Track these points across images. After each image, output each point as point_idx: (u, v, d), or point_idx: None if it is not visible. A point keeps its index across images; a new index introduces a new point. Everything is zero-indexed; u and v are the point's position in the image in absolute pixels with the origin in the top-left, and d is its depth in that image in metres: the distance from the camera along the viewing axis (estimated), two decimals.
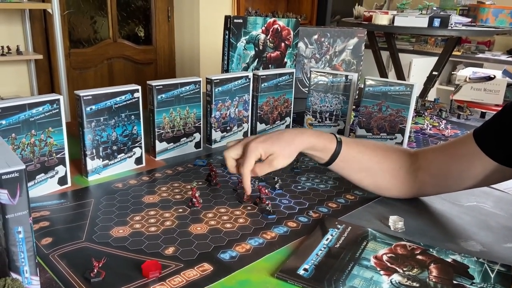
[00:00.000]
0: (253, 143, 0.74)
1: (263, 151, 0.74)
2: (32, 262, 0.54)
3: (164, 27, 3.63)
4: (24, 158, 0.79)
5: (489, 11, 3.36)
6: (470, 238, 0.74)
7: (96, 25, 3.31)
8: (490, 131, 0.74)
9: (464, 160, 0.76)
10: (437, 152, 0.82)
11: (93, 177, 0.90)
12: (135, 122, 0.94)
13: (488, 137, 0.74)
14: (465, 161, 0.76)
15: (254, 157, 0.74)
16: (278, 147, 0.74)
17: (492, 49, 4.01)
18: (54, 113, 0.81)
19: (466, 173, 0.76)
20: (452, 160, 0.77)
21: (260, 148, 0.73)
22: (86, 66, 3.28)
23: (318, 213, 0.80)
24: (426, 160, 0.81)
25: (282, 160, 0.75)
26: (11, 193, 0.50)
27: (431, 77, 2.99)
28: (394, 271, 0.62)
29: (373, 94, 1.13)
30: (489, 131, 0.74)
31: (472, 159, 0.74)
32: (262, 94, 1.17)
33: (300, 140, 0.76)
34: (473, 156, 0.74)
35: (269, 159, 0.74)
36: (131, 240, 0.69)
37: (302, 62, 1.65)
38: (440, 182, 0.81)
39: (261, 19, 1.42)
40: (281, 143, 0.75)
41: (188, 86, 1.02)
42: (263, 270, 0.63)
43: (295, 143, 0.76)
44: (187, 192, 0.85)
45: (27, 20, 2.78)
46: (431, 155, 0.81)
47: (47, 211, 0.76)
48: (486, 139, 0.73)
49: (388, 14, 2.89)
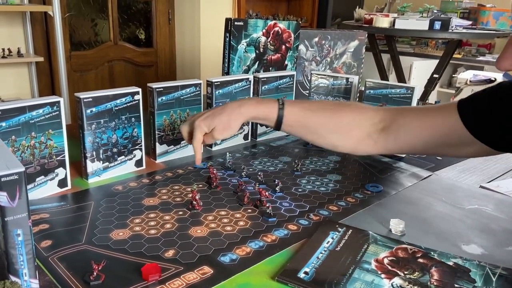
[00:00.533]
0: (197, 121, 0.83)
1: (206, 126, 0.82)
2: (31, 265, 0.54)
3: (165, 30, 3.63)
4: (24, 161, 0.79)
5: (489, 14, 3.36)
6: (471, 241, 0.73)
7: (97, 28, 3.32)
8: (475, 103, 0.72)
9: (439, 130, 0.74)
10: (413, 117, 0.78)
11: (93, 180, 0.90)
12: (135, 125, 0.94)
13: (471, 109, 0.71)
14: (439, 131, 0.74)
15: (200, 132, 0.82)
16: (218, 120, 0.82)
17: (492, 52, 4.01)
18: (54, 115, 0.81)
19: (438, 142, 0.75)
20: (426, 130, 0.75)
21: (203, 124, 0.82)
22: (87, 69, 3.28)
23: (318, 216, 0.80)
24: (397, 123, 0.78)
25: (221, 133, 0.82)
26: (10, 195, 0.50)
27: (432, 80, 2.99)
28: (395, 275, 0.62)
29: (374, 97, 1.12)
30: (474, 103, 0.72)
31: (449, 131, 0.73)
32: (263, 97, 1.17)
33: (239, 112, 0.82)
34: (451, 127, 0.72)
35: (211, 132, 0.83)
36: (131, 243, 0.68)
37: (302, 65, 1.65)
38: (406, 146, 0.80)
39: (262, 22, 1.42)
40: (221, 117, 0.82)
41: (189, 88, 1.02)
42: (264, 273, 0.62)
43: (233, 115, 0.82)
44: (187, 194, 0.85)
45: (28, 22, 2.78)
46: (405, 120, 0.78)
47: (46, 213, 0.76)
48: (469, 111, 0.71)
49: (388, 17, 2.89)
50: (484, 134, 0.70)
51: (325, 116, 0.82)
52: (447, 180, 0.99)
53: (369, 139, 0.80)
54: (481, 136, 0.70)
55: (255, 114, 0.82)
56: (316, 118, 0.82)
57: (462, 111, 0.72)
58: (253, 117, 0.83)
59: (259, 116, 0.82)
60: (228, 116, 0.82)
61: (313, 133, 0.83)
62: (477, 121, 0.70)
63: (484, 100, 0.71)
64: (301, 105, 0.84)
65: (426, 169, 1.03)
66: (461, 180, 1.00)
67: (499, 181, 1.00)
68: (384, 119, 0.80)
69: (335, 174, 0.99)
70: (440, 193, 0.91)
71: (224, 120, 0.82)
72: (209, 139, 0.84)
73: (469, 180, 1.00)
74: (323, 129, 0.82)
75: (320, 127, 0.82)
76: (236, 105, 0.83)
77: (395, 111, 0.81)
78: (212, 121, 0.82)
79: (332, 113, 0.82)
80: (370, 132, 0.80)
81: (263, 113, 0.82)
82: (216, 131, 0.82)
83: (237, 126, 0.83)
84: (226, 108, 0.83)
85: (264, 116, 0.82)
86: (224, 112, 0.82)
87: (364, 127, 0.80)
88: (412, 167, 1.04)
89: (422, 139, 0.76)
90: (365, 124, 0.80)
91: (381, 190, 0.91)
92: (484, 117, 0.69)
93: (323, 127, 0.82)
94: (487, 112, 0.69)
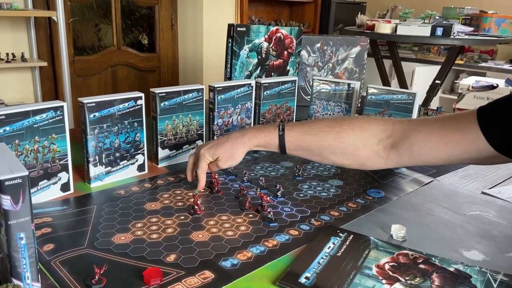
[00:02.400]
0: (202, 150, 0.86)
1: (210, 156, 0.85)
2: (33, 269, 0.54)
3: (167, 35, 3.65)
4: (28, 165, 0.79)
5: (491, 20, 3.37)
6: (472, 247, 0.73)
7: (100, 33, 3.34)
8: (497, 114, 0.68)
9: (459, 146, 0.71)
10: (429, 133, 0.74)
11: (96, 184, 0.91)
12: (138, 129, 0.95)
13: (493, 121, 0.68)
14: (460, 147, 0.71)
15: (204, 161, 0.86)
16: (222, 150, 0.85)
17: (495, 58, 4.02)
18: (57, 119, 0.82)
19: (455, 157, 0.73)
20: (445, 146, 0.72)
21: (207, 154, 0.85)
22: (90, 73, 3.30)
23: (320, 221, 0.80)
24: (409, 141, 0.75)
25: (225, 162, 0.86)
26: (14, 199, 0.51)
27: (434, 86, 2.99)
28: (396, 280, 0.62)
29: (376, 102, 1.13)
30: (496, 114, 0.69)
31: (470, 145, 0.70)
32: (265, 102, 1.18)
33: (241, 141, 0.84)
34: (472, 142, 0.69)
35: (216, 161, 0.86)
36: (132, 247, 0.69)
37: (304, 70, 1.65)
38: (422, 161, 0.78)
39: (264, 28, 1.42)
40: (224, 147, 0.85)
41: (191, 93, 1.03)
42: (265, 278, 0.62)
43: (236, 145, 0.84)
44: (189, 199, 0.86)
45: (32, 27, 2.80)
46: (419, 137, 0.75)
47: (49, 217, 0.77)
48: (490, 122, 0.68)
49: (390, 23, 2.90)
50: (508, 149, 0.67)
51: (326, 139, 0.80)
52: (449, 186, 0.99)
53: (378, 156, 0.79)
54: (505, 151, 0.68)
55: (256, 143, 0.84)
56: (318, 142, 0.81)
57: (482, 123, 0.68)
58: (256, 145, 0.85)
59: (261, 143, 0.84)
60: (231, 146, 0.84)
61: (318, 155, 0.83)
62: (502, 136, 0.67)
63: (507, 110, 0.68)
64: (302, 128, 0.83)
65: (427, 175, 1.03)
66: (463, 186, 1.00)
67: (500, 187, 1.00)
68: (393, 135, 0.77)
69: (337, 180, 0.99)
70: (441, 199, 0.91)
71: (227, 149, 0.84)
72: (214, 167, 0.87)
73: (471, 186, 1.00)
74: (327, 152, 0.81)
75: (324, 150, 0.81)
76: (239, 135, 0.85)
77: (407, 126, 0.77)
78: (216, 151, 0.85)
79: (334, 134, 0.80)
80: (378, 150, 0.79)
81: (264, 140, 0.83)
82: (220, 161, 0.85)
83: (241, 155, 0.85)
84: (230, 138, 0.85)
85: (266, 143, 0.83)
86: (228, 142, 0.85)
87: (370, 145, 0.79)
88: (413, 172, 1.04)
89: (440, 156, 0.74)
90: (371, 142, 0.79)
91: (382, 195, 0.92)
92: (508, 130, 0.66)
93: (327, 149, 0.81)
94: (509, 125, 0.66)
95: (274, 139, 0.83)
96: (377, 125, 0.80)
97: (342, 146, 0.80)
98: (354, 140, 0.79)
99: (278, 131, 0.82)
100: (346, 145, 0.80)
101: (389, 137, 0.78)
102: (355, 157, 0.80)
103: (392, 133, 0.78)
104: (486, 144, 0.68)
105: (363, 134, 0.79)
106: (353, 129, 0.80)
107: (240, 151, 0.84)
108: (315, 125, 0.83)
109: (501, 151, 0.68)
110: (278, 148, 0.83)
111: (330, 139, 0.80)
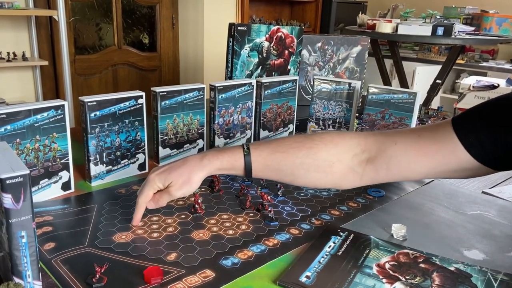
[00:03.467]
0: (151, 175, 0.74)
1: (160, 182, 0.73)
2: (34, 267, 0.54)
3: (168, 34, 3.65)
4: (28, 163, 0.80)
5: (492, 20, 3.36)
6: (473, 246, 0.73)
7: (101, 32, 3.34)
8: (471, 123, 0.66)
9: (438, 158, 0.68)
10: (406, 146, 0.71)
11: (96, 183, 0.91)
12: (138, 128, 0.95)
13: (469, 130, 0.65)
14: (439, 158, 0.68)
15: (150, 188, 0.73)
16: (176, 175, 0.72)
17: (496, 58, 4.01)
18: (58, 118, 0.82)
19: (434, 169, 0.69)
20: (423, 158, 0.69)
21: (157, 179, 0.73)
22: (91, 73, 3.30)
23: (320, 220, 0.80)
24: (385, 154, 0.71)
25: (180, 188, 0.72)
26: (15, 197, 0.51)
27: (435, 85, 2.99)
28: (397, 279, 0.62)
29: (376, 102, 1.13)
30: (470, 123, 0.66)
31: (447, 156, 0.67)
32: (266, 101, 1.18)
33: (200, 166, 0.73)
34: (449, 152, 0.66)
35: (168, 188, 0.73)
36: (133, 246, 0.69)
37: (305, 70, 1.65)
38: (400, 176, 0.75)
39: (265, 27, 1.42)
40: (180, 171, 0.73)
41: (192, 92, 1.03)
42: (265, 277, 0.62)
43: (195, 170, 0.73)
44: (189, 198, 0.86)
45: (33, 26, 2.80)
46: (396, 150, 0.71)
47: (50, 216, 0.77)
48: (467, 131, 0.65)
49: (391, 23, 2.90)
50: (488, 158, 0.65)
51: (297, 156, 0.73)
52: (449, 186, 0.99)
53: (353, 173, 0.73)
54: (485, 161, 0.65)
55: (218, 165, 0.74)
56: (289, 160, 0.73)
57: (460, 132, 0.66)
58: (217, 168, 0.74)
59: (224, 166, 0.74)
60: (188, 170, 0.73)
61: (289, 175, 0.75)
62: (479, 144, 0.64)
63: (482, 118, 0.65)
64: (269, 146, 0.75)
65: None
66: (463, 185, 1.00)
67: (501, 186, 1.00)
68: (368, 149, 0.73)
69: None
70: (442, 199, 0.91)
71: (183, 173, 0.72)
72: (165, 196, 0.73)
73: (471, 185, 1.00)
74: (300, 170, 0.73)
75: (295, 169, 0.73)
76: (198, 158, 0.74)
77: (381, 139, 0.73)
78: (169, 175, 0.72)
79: (305, 150, 0.73)
80: (352, 165, 0.73)
81: (228, 162, 0.73)
82: (174, 187, 0.72)
83: (198, 181, 0.73)
84: (186, 161, 0.74)
85: (230, 165, 0.74)
86: (184, 165, 0.73)
87: (345, 160, 0.73)
88: None
89: (418, 169, 0.70)
90: (345, 157, 0.73)
91: (383, 195, 0.92)
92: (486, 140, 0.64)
93: (299, 168, 0.73)
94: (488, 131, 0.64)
95: (239, 159, 0.73)
96: (349, 139, 0.75)
97: (315, 163, 0.73)
98: (327, 155, 0.73)
99: (243, 151, 0.73)
100: (320, 162, 0.73)
101: (363, 152, 0.73)
102: (329, 175, 0.74)
103: (366, 147, 0.73)
104: (465, 154, 0.65)
105: (336, 149, 0.73)
106: (326, 144, 0.73)
107: (198, 176, 0.73)
108: (283, 142, 0.76)
109: (481, 161, 0.65)
110: (244, 171, 0.74)
111: (301, 155, 0.73)
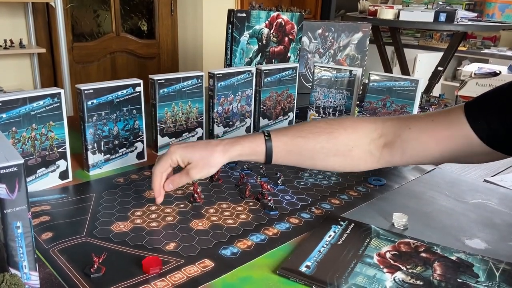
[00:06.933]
0: (173, 147, 0.71)
1: (180, 157, 0.71)
2: (31, 258, 0.54)
3: (167, 21, 3.61)
4: (25, 152, 0.79)
5: (495, 6, 3.33)
6: (475, 235, 0.73)
7: (99, 19, 3.30)
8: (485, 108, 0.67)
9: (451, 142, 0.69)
10: (420, 131, 0.72)
11: (94, 172, 0.90)
12: (136, 117, 0.94)
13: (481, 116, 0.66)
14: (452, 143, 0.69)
15: (168, 159, 0.71)
16: (198, 157, 0.71)
17: (498, 45, 3.98)
18: (55, 107, 0.81)
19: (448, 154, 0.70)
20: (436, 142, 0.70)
21: (178, 153, 0.71)
22: (89, 60, 3.27)
23: (320, 210, 0.79)
24: (401, 139, 0.73)
25: (200, 172, 0.71)
26: (9, 187, 0.50)
27: (436, 73, 2.97)
28: (398, 269, 0.61)
29: (378, 90, 1.11)
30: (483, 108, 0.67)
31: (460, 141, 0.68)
32: (265, 89, 1.16)
33: (222, 151, 0.72)
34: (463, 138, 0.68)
35: (187, 168, 0.71)
36: (132, 236, 0.68)
37: (305, 57, 1.63)
38: (414, 160, 0.76)
39: (265, 13, 1.40)
40: (202, 154, 0.71)
41: (191, 80, 1.01)
42: (265, 267, 0.62)
43: (216, 154, 0.71)
44: (188, 187, 0.85)
45: (30, 13, 2.77)
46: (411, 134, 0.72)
47: (47, 205, 0.76)
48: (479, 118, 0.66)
49: (393, 9, 2.87)
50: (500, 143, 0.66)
51: (318, 140, 0.74)
52: (451, 174, 0.98)
53: (371, 156, 0.75)
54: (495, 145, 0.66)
55: (240, 151, 0.73)
56: (309, 145, 0.74)
57: (470, 116, 0.67)
58: (238, 154, 0.73)
59: (245, 152, 0.73)
60: (210, 153, 0.71)
61: (310, 159, 0.76)
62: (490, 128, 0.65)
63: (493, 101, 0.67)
64: (290, 132, 0.76)
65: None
66: (465, 174, 0.99)
67: (503, 175, 0.99)
68: (385, 134, 0.74)
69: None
70: (443, 187, 0.90)
71: (205, 156, 0.71)
72: (184, 178, 0.72)
73: (473, 174, 0.99)
74: (320, 155, 0.75)
75: (316, 153, 0.75)
76: (219, 142, 0.73)
77: (397, 124, 0.75)
78: (191, 154, 0.71)
79: (326, 135, 0.74)
80: (370, 149, 0.75)
81: (249, 148, 0.73)
82: (194, 169, 0.70)
83: (218, 166, 0.72)
84: (209, 144, 0.72)
85: (251, 151, 0.73)
86: (207, 148, 0.72)
87: (363, 145, 0.75)
88: None
89: (431, 153, 0.72)
90: (363, 142, 0.75)
91: (383, 183, 0.91)
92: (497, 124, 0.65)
93: (319, 152, 0.74)
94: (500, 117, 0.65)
95: (260, 144, 0.73)
96: (367, 124, 0.76)
97: (335, 147, 0.74)
98: (347, 140, 0.75)
99: (264, 136, 0.74)
100: (339, 146, 0.74)
101: (381, 136, 0.74)
102: (347, 158, 0.75)
103: (383, 131, 0.74)
104: (477, 139, 0.66)
105: (355, 134, 0.75)
106: (345, 129, 0.75)
107: (219, 161, 0.72)
108: (304, 127, 0.76)
109: (492, 145, 0.66)
110: (264, 156, 0.74)
111: (322, 140, 0.74)
